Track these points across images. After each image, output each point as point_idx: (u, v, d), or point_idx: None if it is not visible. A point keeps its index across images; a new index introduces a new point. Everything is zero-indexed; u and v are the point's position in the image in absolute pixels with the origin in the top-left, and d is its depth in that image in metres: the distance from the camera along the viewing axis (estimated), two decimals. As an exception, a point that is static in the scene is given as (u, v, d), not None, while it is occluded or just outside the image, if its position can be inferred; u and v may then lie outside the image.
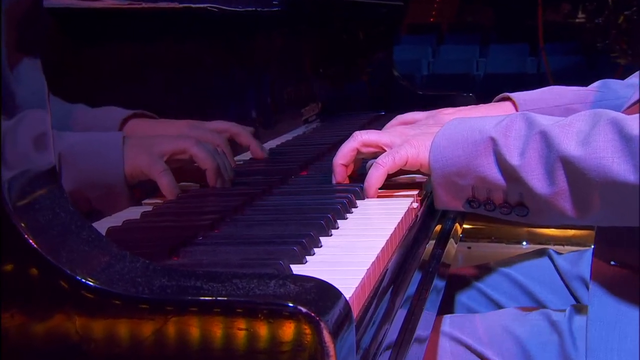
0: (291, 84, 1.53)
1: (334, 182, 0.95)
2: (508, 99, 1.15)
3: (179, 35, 1.12)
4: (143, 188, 0.90)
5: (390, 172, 0.91)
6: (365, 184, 0.91)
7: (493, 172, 0.83)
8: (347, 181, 0.95)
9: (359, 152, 0.94)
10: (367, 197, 0.90)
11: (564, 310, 0.96)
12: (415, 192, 0.92)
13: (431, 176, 0.88)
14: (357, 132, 0.95)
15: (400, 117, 1.15)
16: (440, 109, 1.15)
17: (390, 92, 1.82)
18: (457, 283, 1.18)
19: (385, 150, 0.92)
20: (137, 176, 0.89)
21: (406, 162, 0.90)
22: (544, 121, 0.82)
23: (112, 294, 0.49)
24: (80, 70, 0.88)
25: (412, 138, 0.91)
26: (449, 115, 1.11)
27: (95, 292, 0.50)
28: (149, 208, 0.88)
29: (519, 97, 1.13)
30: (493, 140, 0.83)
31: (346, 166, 0.95)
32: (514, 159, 0.81)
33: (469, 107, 1.17)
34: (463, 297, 1.17)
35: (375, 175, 0.90)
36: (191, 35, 1.16)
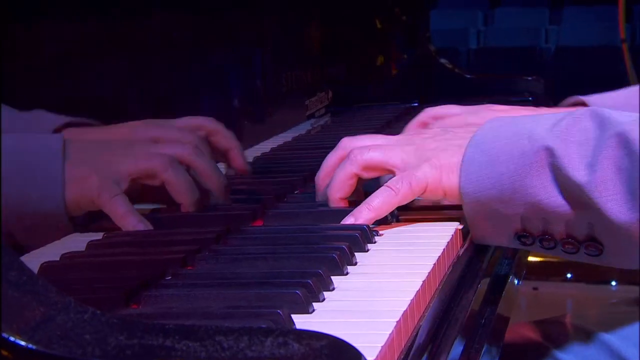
0: (292, 66, 1.54)
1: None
2: (582, 104, 1.14)
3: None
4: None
5: (403, 203, 0.90)
6: (364, 203, 0.88)
7: (550, 195, 0.82)
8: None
9: (359, 178, 0.92)
10: (355, 220, 0.89)
11: None
12: (454, 226, 0.93)
13: (463, 204, 0.87)
14: (353, 151, 0.92)
15: (430, 112, 1.15)
16: (487, 105, 1.14)
17: (425, 76, 1.83)
18: (521, 344, 1.18)
19: (394, 173, 0.91)
20: (85, 206, 0.89)
21: (425, 189, 0.88)
22: (622, 118, 0.80)
23: (52, 358, 0.50)
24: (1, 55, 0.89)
25: (432, 154, 0.89)
26: (500, 113, 1.08)
27: (29, 355, 0.51)
28: (97, 236, 0.89)
29: (596, 102, 1.12)
30: (549, 150, 0.81)
31: (346, 197, 0.93)
32: (579, 173, 0.79)
33: (526, 108, 1.16)
34: None
35: (383, 201, 0.88)
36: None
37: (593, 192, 0.79)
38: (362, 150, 0.92)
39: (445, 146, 0.90)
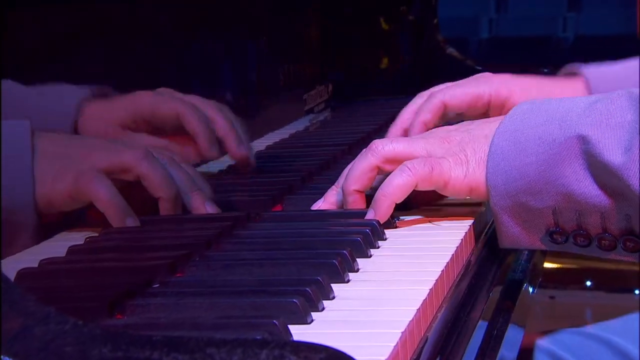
0: (289, 57, 1.54)
1: None
2: (577, 74, 1.15)
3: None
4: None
5: (420, 187, 0.90)
6: (379, 192, 0.89)
7: (583, 185, 0.82)
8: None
9: (379, 170, 0.93)
10: (375, 214, 0.90)
11: None
12: (470, 220, 0.93)
13: (490, 199, 0.87)
14: (375, 142, 0.93)
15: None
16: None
17: (432, 67, 1.83)
18: (538, 356, 1.18)
19: None
20: (58, 205, 0.90)
21: (446, 184, 0.89)
22: None
23: (30, 371, 0.50)
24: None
25: (458, 149, 0.90)
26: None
27: (6, 368, 0.51)
28: (79, 240, 0.89)
29: (592, 73, 1.13)
30: (582, 138, 0.82)
31: (363, 192, 0.94)
32: (615, 157, 0.79)
33: (527, 78, 1.16)
34: None
35: (398, 184, 0.89)
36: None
37: (630, 177, 0.79)
38: (384, 142, 0.93)
39: (470, 138, 0.90)
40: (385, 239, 0.89)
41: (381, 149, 0.92)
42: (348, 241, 0.83)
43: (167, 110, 1.05)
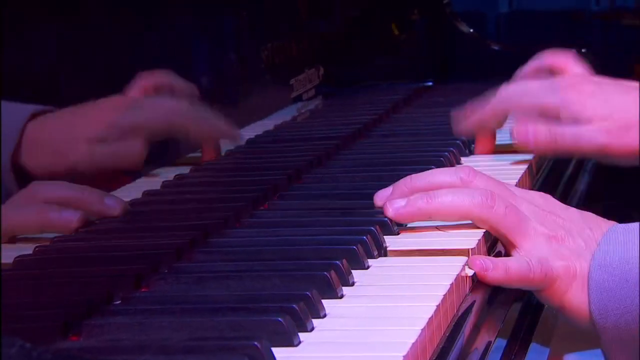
0: (273, 35, 1.54)
1: None
2: None
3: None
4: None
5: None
6: None
7: None
8: None
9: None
10: None
11: None
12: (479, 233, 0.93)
13: (599, 334, 0.87)
14: (485, 195, 0.88)
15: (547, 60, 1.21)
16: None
17: (442, 48, 1.83)
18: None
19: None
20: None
21: (547, 284, 0.86)
22: None
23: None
24: None
25: (568, 254, 0.87)
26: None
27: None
28: (27, 249, 0.90)
29: None
30: None
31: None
32: None
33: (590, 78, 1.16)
34: None
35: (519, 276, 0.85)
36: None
37: None
38: (493, 202, 0.89)
39: (580, 249, 0.89)
40: (386, 248, 0.89)
41: (483, 211, 0.89)
42: (342, 250, 0.83)
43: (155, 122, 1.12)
